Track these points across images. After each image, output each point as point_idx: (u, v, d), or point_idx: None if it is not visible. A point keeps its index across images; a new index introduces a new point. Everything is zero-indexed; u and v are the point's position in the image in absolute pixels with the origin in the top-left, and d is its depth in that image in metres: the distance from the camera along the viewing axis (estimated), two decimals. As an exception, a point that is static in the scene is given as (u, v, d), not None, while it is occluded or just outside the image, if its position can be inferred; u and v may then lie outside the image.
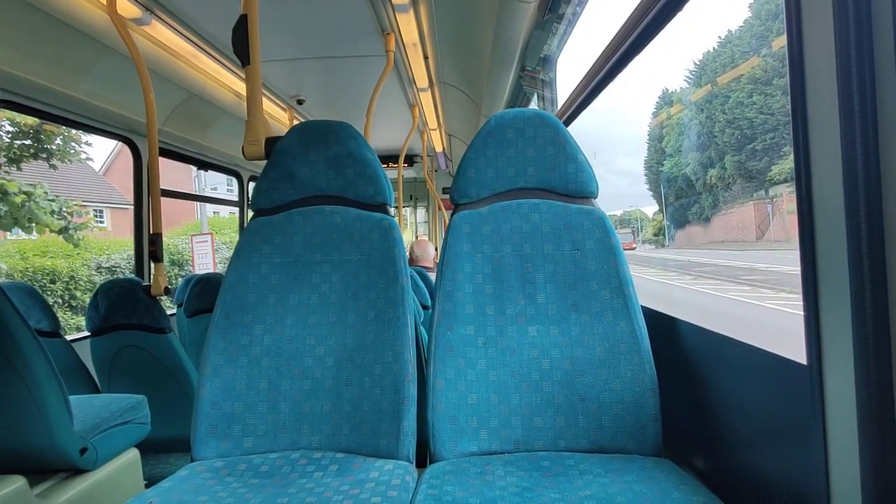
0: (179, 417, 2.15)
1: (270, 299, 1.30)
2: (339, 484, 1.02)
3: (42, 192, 7.36)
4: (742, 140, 9.92)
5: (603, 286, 1.23)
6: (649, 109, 21.01)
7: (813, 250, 0.67)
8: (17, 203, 7.07)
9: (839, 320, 0.62)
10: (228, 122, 3.46)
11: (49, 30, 2.01)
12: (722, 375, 1.01)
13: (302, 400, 1.23)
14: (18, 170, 7.76)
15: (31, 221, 7.22)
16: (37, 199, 7.26)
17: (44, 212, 7.29)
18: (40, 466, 1.48)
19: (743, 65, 9.68)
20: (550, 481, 1.00)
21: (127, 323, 2.12)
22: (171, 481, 1.06)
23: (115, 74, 2.42)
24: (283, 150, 1.39)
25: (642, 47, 1.40)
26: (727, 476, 1.01)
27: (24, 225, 7.21)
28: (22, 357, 1.36)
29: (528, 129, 1.33)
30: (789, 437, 0.80)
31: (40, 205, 7.26)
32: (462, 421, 1.18)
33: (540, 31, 2.27)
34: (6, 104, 2.13)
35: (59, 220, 7.78)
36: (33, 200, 7.21)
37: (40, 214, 7.22)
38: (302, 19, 2.40)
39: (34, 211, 7.15)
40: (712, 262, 11.14)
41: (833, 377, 0.65)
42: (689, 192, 13.45)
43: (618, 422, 1.15)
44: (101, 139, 9.72)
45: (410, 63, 2.99)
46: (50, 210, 7.42)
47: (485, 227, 1.30)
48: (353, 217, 1.36)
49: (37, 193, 7.31)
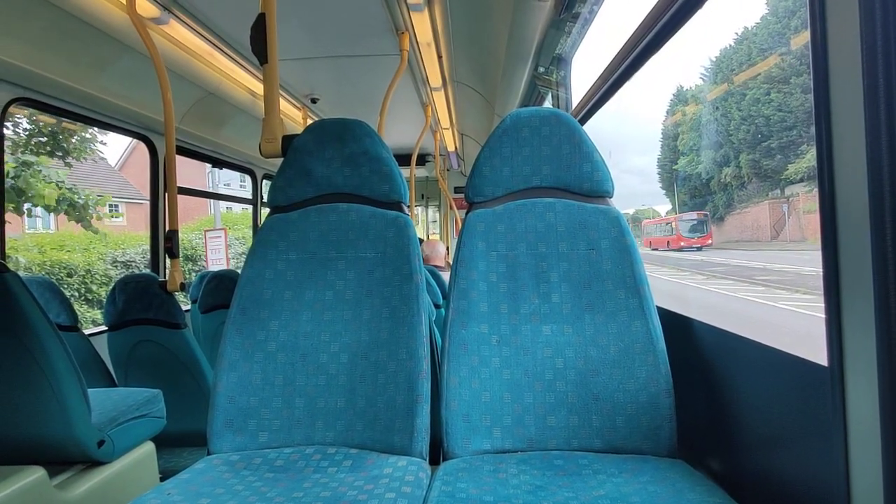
0: (193, 411, 2.19)
1: (286, 295, 1.32)
2: (353, 479, 1.03)
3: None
4: (758, 137, 9.80)
5: (618, 286, 1.22)
6: (662, 107, 20.77)
7: (835, 250, 0.66)
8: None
9: (862, 321, 0.62)
10: (243, 120, 3.49)
11: (69, 29, 2.04)
12: (738, 376, 1.01)
13: (317, 395, 1.25)
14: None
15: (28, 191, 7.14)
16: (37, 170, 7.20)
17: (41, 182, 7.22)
18: (59, 458, 1.51)
19: (760, 63, 9.55)
20: (564, 480, 1.01)
21: (143, 318, 2.15)
22: (189, 473, 1.07)
23: (133, 73, 2.45)
24: (300, 147, 1.40)
25: (659, 46, 1.39)
26: (743, 478, 1.01)
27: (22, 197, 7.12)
28: (43, 350, 1.38)
29: (543, 127, 1.33)
30: (807, 440, 0.80)
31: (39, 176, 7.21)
32: (475, 419, 1.18)
33: (555, 31, 2.26)
34: (26, 102, 2.17)
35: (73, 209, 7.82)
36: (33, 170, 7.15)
37: (36, 184, 7.15)
38: (317, 18, 2.42)
39: (29, 180, 7.07)
40: (725, 261, 11.05)
41: (855, 379, 0.64)
42: (703, 190, 13.33)
43: (632, 422, 1.14)
44: (116, 136, 9.93)
45: (424, 62, 2.99)
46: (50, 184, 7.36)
47: (499, 226, 1.30)
48: (368, 214, 1.37)
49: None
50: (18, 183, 6.96)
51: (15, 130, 7.48)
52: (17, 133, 7.51)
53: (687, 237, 13.27)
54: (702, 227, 12.86)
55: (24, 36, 1.95)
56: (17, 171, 7.03)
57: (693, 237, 13.04)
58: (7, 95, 2.07)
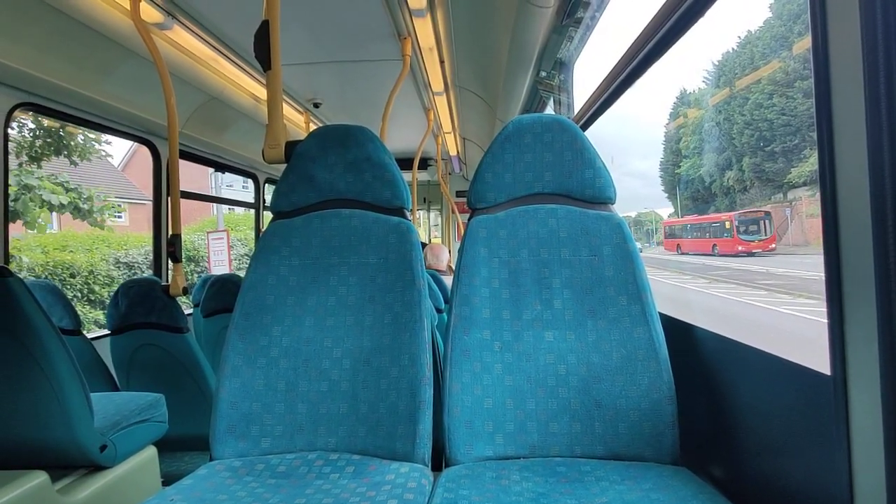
0: (195, 416, 2.19)
1: (289, 301, 1.32)
2: (355, 486, 1.03)
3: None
4: (761, 141, 9.77)
5: (620, 292, 1.22)
6: (664, 110, 20.71)
7: (837, 256, 0.66)
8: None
9: (865, 329, 0.62)
10: (246, 124, 3.50)
11: (73, 34, 2.05)
12: (740, 384, 1.01)
13: (319, 401, 1.25)
14: (39, 167, 7.88)
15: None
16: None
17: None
18: (61, 462, 1.51)
19: (764, 67, 9.54)
20: (566, 487, 1.00)
21: (146, 322, 2.16)
22: (191, 479, 1.07)
23: (137, 78, 2.47)
24: (303, 153, 1.41)
25: (663, 52, 1.40)
26: (745, 485, 1.01)
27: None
28: (46, 354, 1.39)
29: (545, 134, 1.33)
30: (811, 447, 0.79)
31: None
32: (478, 425, 1.18)
33: (557, 36, 2.27)
34: (30, 106, 2.18)
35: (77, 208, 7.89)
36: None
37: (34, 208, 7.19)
38: (319, 23, 2.43)
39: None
40: (727, 265, 10.97)
41: (858, 387, 0.64)
42: (706, 193, 13.25)
43: (634, 429, 1.14)
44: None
45: (426, 67, 3.00)
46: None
47: (502, 232, 1.31)
48: (370, 220, 1.37)
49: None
50: (17, 206, 6.99)
51: (20, 132, 7.53)
52: (22, 135, 7.56)
53: (745, 240, 11.02)
54: (762, 227, 10.71)
55: (28, 41, 1.96)
56: (16, 193, 7.06)
57: (752, 240, 10.91)
58: (12, 100, 2.08)
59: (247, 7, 2.15)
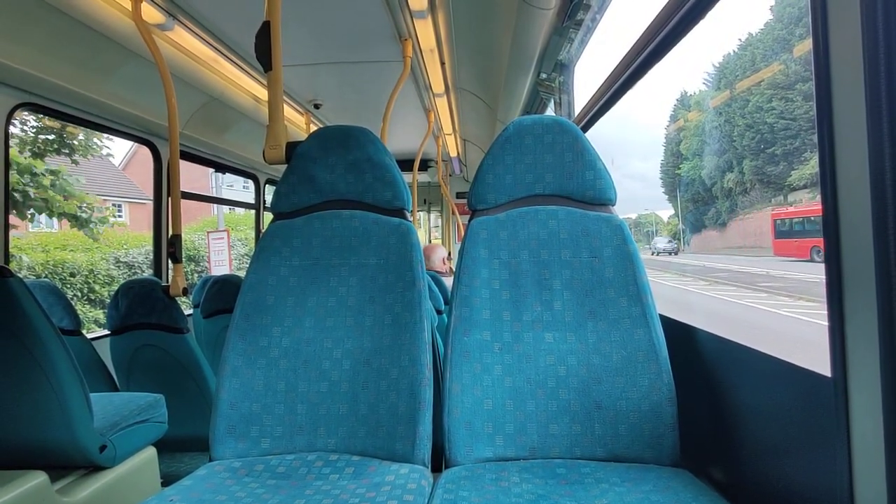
0: (195, 416, 2.19)
1: (289, 302, 1.32)
2: (355, 487, 1.03)
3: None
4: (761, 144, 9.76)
5: (621, 294, 1.22)
6: (664, 112, 20.72)
7: (838, 258, 0.66)
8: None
9: (865, 331, 0.62)
10: (246, 125, 3.50)
11: (74, 34, 2.05)
12: (741, 386, 1.00)
13: (319, 402, 1.25)
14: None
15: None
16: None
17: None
18: (60, 462, 1.51)
19: (764, 70, 9.54)
20: (566, 489, 1.00)
21: (146, 322, 2.16)
22: (191, 480, 1.07)
23: (137, 78, 2.47)
24: (304, 154, 1.41)
25: (663, 54, 1.40)
26: (745, 487, 1.00)
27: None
28: (46, 354, 1.39)
29: (546, 135, 1.33)
30: (811, 450, 0.79)
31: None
32: (478, 426, 1.18)
33: (558, 38, 2.27)
34: (31, 106, 2.18)
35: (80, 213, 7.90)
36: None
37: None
38: (320, 24, 2.43)
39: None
40: (727, 267, 10.98)
41: (859, 389, 0.64)
42: (706, 195, 13.25)
43: (634, 431, 1.14)
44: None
45: (427, 69, 3.00)
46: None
47: (502, 233, 1.31)
48: (371, 221, 1.37)
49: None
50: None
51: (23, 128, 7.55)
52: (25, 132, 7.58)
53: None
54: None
55: (29, 41, 1.96)
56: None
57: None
58: (13, 100, 2.08)
59: (248, 8, 2.16)
